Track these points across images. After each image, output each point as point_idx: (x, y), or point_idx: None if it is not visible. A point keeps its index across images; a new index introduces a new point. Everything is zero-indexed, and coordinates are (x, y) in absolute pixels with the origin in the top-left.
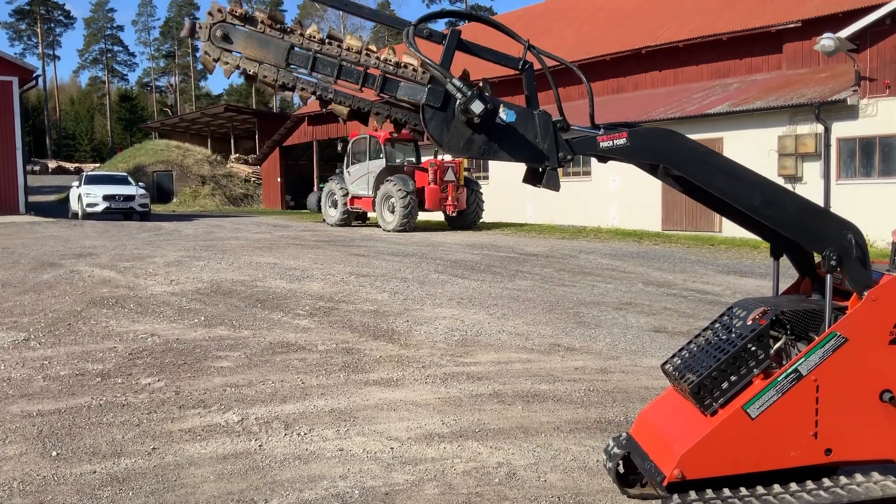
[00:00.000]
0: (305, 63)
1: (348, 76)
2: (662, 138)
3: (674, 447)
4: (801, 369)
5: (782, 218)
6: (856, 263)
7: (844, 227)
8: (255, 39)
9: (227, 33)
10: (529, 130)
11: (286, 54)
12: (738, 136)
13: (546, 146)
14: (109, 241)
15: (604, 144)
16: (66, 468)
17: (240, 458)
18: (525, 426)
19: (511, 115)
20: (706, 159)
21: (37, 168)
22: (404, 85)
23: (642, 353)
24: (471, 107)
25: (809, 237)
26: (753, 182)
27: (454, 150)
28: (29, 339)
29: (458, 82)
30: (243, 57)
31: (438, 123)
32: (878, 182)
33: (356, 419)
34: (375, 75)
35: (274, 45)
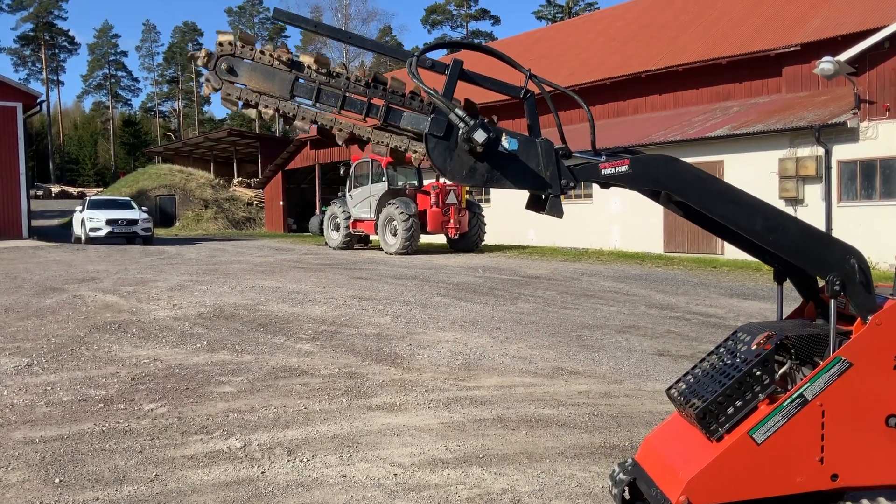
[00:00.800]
0: (310, 94)
1: (352, 106)
2: (664, 165)
3: (680, 473)
4: (807, 394)
5: (784, 243)
6: (859, 288)
7: (847, 251)
8: (259, 72)
9: (233, 66)
10: (532, 158)
11: (291, 86)
12: (739, 158)
13: (549, 174)
14: (112, 265)
15: (606, 171)
16: (69, 495)
17: (242, 485)
18: (529, 451)
19: (513, 144)
20: (707, 185)
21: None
22: (407, 114)
23: (646, 377)
24: (473, 136)
25: (812, 262)
26: (755, 207)
27: (458, 178)
28: (32, 365)
29: (460, 112)
30: (246, 88)
31: (442, 152)
32: (879, 204)
33: (359, 445)
34: (379, 105)
35: (279, 78)
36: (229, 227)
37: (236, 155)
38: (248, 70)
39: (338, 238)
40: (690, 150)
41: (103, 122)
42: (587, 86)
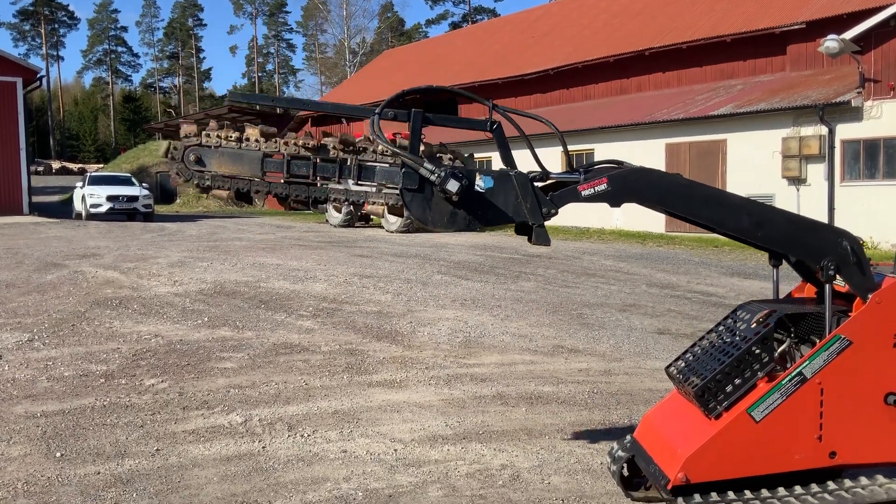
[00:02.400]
0: (280, 168)
1: (324, 172)
2: (643, 177)
3: (678, 450)
4: (806, 372)
5: (774, 236)
6: (854, 269)
7: (838, 235)
8: (227, 157)
9: (200, 156)
10: (509, 192)
11: (261, 164)
12: (742, 137)
13: (528, 206)
14: (113, 241)
15: (585, 192)
16: (70, 469)
17: (243, 460)
18: (529, 428)
19: (488, 182)
20: (689, 192)
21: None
22: (380, 169)
23: (646, 356)
24: (446, 187)
25: (804, 251)
26: (740, 206)
27: (440, 226)
28: (33, 340)
29: (429, 165)
30: (217, 175)
31: (419, 204)
32: (882, 184)
33: (360, 421)
34: (351, 166)
35: (247, 158)
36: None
37: None
38: (216, 157)
39: (339, 216)
40: (693, 129)
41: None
42: (590, 63)
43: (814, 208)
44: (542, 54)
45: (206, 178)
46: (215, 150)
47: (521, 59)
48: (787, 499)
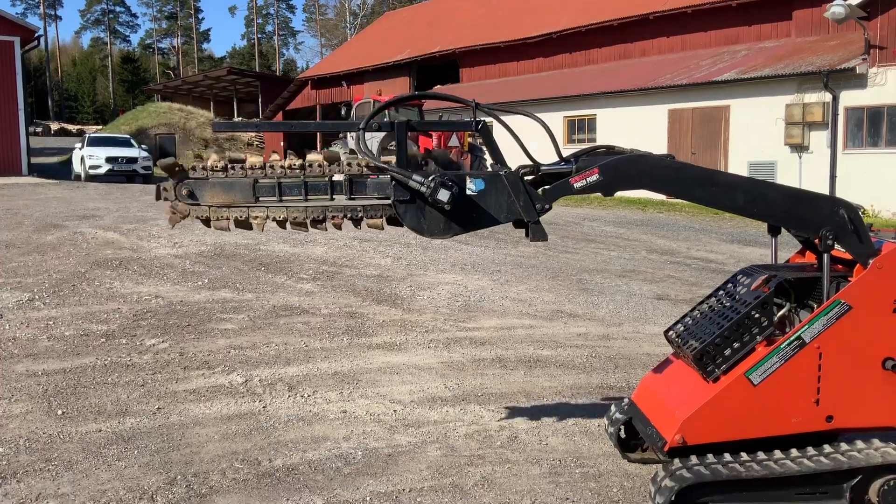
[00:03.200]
0: (273, 192)
1: (316, 190)
2: (634, 165)
3: (675, 413)
4: (805, 336)
5: (770, 211)
6: (852, 238)
7: (835, 204)
8: (219, 187)
9: (192, 190)
10: (501, 192)
11: (253, 190)
12: (746, 103)
13: (521, 203)
14: (113, 203)
15: (578, 185)
16: (71, 427)
17: (244, 419)
18: (527, 391)
19: (479, 184)
20: (681, 174)
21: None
22: (371, 182)
23: (645, 321)
24: (437, 197)
25: (802, 223)
26: (733, 184)
27: (437, 234)
28: (33, 300)
29: (418, 177)
30: (212, 207)
31: (414, 214)
32: (885, 152)
33: (359, 382)
34: (341, 182)
35: (239, 186)
36: None
37: (236, 94)
38: (208, 189)
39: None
40: (697, 95)
41: (102, 58)
42: (594, 26)
43: (815, 176)
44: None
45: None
46: (206, 182)
47: (523, 23)
48: (783, 461)
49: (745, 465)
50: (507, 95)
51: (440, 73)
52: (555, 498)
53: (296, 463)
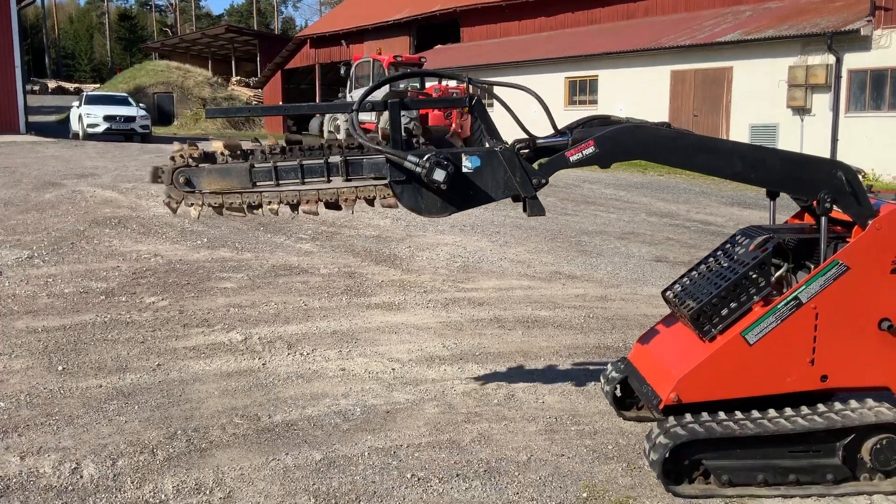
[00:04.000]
0: (269, 176)
1: (312, 174)
2: (629, 135)
3: (671, 372)
4: (802, 297)
5: (768, 176)
6: (851, 200)
7: (832, 166)
8: (216, 174)
9: (189, 177)
10: (497, 169)
11: (249, 176)
12: (748, 65)
13: (518, 179)
14: (111, 161)
15: (574, 158)
16: (72, 382)
17: (244, 376)
18: (524, 350)
19: (475, 161)
20: (677, 143)
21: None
22: (367, 163)
23: (643, 282)
24: (433, 177)
25: (800, 187)
26: (730, 151)
27: (434, 214)
28: (33, 257)
29: (413, 158)
30: (208, 193)
31: (411, 194)
32: (887, 115)
33: (358, 341)
34: (338, 163)
35: (235, 172)
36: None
37: (234, 52)
38: (205, 176)
39: (339, 138)
40: (699, 56)
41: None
42: None
43: (817, 139)
44: None
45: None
46: (203, 169)
47: None
48: (778, 420)
49: (739, 423)
50: (509, 55)
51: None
52: (550, 454)
53: (295, 419)
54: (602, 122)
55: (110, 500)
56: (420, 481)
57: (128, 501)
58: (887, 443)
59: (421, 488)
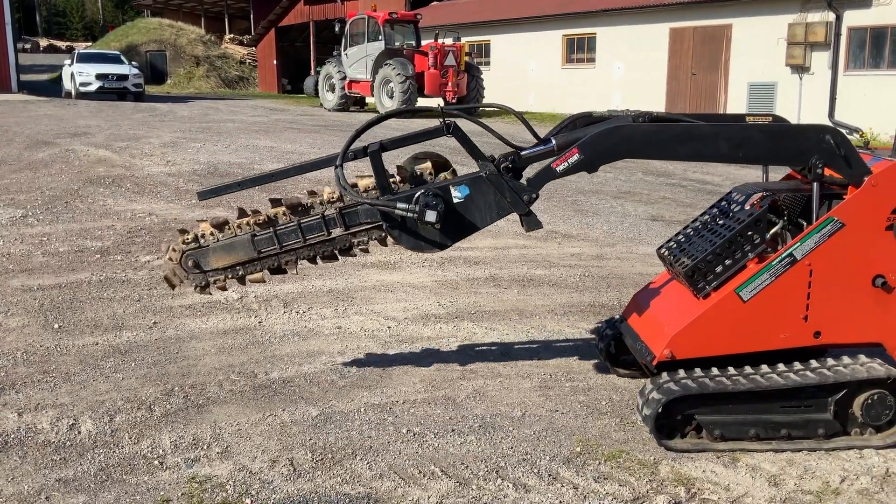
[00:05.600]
0: (271, 243)
1: (311, 231)
2: (612, 136)
3: (665, 328)
4: (796, 254)
5: (756, 152)
6: (842, 162)
7: (820, 131)
8: (221, 251)
9: (197, 260)
10: (486, 192)
11: (253, 246)
12: (747, 23)
13: (509, 198)
14: (104, 120)
15: (560, 168)
16: (68, 340)
17: (240, 333)
18: (520, 309)
19: (464, 190)
20: (660, 136)
21: (28, 46)
22: (362, 210)
23: (638, 241)
24: (425, 219)
25: (790, 157)
26: (714, 134)
27: (436, 249)
28: (27, 216)
29: (402, 205)
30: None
31: (408, 236)
32: (886, 74)
33: (354, 299)
34: (333, 216)
35: (238, 244)
36: (222, 87)
37: (227, 10)
38: (211, 255)
39: (333, 99)
40: (698, 13)
41: None
42: None
43: (816, 98)
44: None
45: (203, 279)
46: (207, 249)
47: None
48: (770, 376)
49: (731, 379)
50: (505, 12)
51: None
52: (545, 410)
53: (291, 376)
54: (586, 120)
55: (108, 456)
56: (415, 436)
57: (126, 456)
58: (878, 398)
59: (416, 443)
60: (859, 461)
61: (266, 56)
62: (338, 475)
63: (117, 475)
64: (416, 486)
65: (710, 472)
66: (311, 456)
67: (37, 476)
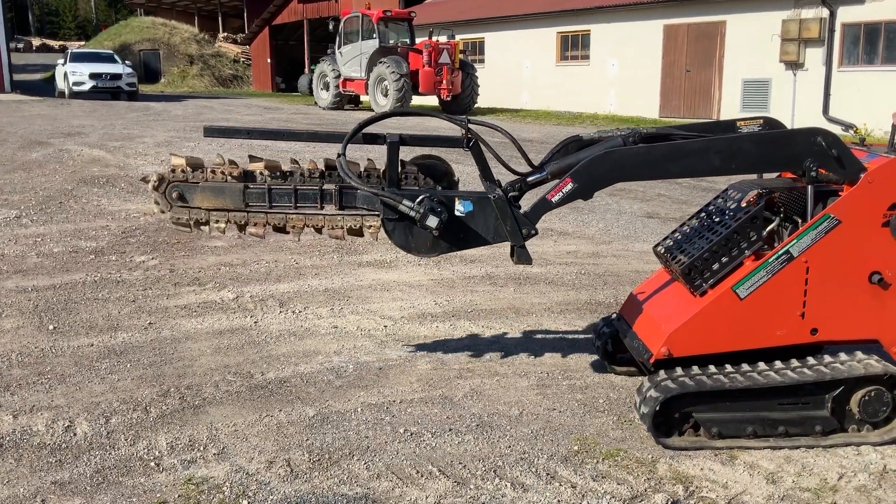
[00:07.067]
0: (262, 199)
1: (305, 200)
2: (604, 163)
3: (662, 326)
4: (793, 251)
5: (749, 162)
6: (835, 162)
7: (810, 135)
8: (209, 191)
9: (182, 193)
10: (489, 215)
11: (243, 196)
12: (741, 19)
13: (508, 227)
14: (98, 120)
15: (556, 199)
16: (63, 341)
17: (236, 334)
18: (516, 307)
19: (468, 206)
20: (651, 157)
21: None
22: (361, 194)
23: (634, 238)
24: (426, 223)
25: (783, 164)
26: (704, 148)
27: (423, 253)
28: (21, 217)
29: (408, 202)
30: (198, 209)
31: (402, 232)
32: (880, 70)
33: (350, 298)
34: (331, 191)
35: (229, 191)
36: (216, 85)
37: (221, 8)
38: (198, 193)
39: (327, 98)
40: (692, 10)
41: None
42: None
43: (810, 94)
44: None
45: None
46: (197, 186)
47: None
48: (767, 373)
49: (728, 377)
50: (500, 9)
51: None
52: (542, 408)
53: (288, 376)
54: (577, 145)
55: (104, 458)
56: (413, 436)
57: (122, 458)
58: (875, 395)
59: (414, 443)
60: (857, 458)
61: (260, 55)
62: (335, 476)
63: (113, 477)
64: (414, 486)
65: (708, 469)
66: (309, 456)
67: (32, 479)
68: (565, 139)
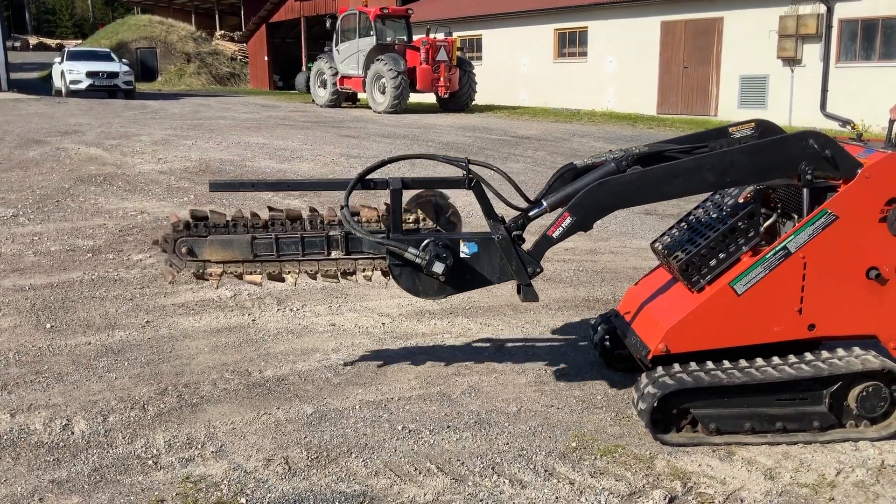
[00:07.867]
0: (270, 249)
1: (312, 247)
2: (599, 193)
3: (660, 322)
4: (790, 246)
5: (743, 174)
6: (829, 163)
7: (801, 139)
8: (218, 245)
9: (192, 247)
10: (494, 255)
11: (251, 247)
12: (739, 15)
13: (514, 267)
14: (95, 118)
15: (556, 234)
16: (60, 340)
17: (234, 332)
18: (514, 304)
19: (472, 248)
20: (645, 182)
21: (17, 44)
22: (367, 241)
23: (632, 235)
24: (432, 270)
25: (778, 171)
26: (697, 166)
27: (431, 296)
28: (17, 216)
29: (413, 250)
30: (210, 262)
31: (409, 277)
32: (878, 65)
33: (347, 296)
34: (338, 238)
35: (236, 243)
36: (213, 83)
37: (218, 6)
38: (207, 246)
39: (325, 95)
40: (690, 6)
41: None
42: None
43: (807, 90)
44: None
45: (199, 268)
46: (205, 240)
47: None
48: (765, 369)
49: (726, 372)
50: (497, 6)
51: None
52: (540, 405)
53: (285, 374)
54: (573, 173)
55: (102, 456)
56: (411, 433)
57: (120, 457)
58: (873, 390)
59: (412, 440)
60: (855, 453)
61: (257, 52)
62: (333, 473)
63: (111, 476)
64: (412, 483)
65: (706, 465)
66: (307, 454)
67: (30, 477)
68: (561, 168)
